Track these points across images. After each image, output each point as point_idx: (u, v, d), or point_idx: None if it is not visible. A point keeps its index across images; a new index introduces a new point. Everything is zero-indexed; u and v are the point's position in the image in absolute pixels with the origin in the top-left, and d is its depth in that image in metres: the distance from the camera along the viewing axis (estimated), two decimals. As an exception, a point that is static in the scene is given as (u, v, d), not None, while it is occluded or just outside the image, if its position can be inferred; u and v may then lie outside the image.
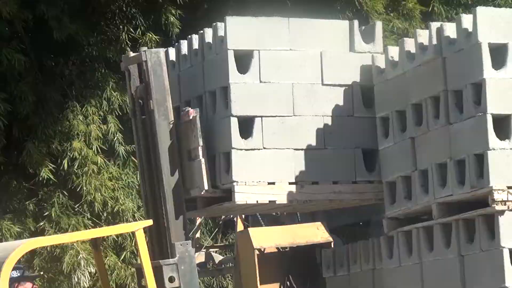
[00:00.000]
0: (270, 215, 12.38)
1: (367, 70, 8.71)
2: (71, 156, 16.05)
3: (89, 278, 14.53)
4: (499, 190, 7.23)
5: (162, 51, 8.51)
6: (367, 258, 8.85)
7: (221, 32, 8.51)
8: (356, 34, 8.79)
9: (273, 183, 8.44)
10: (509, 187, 7.26)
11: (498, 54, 7.42)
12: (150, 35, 16.98)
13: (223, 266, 15.31)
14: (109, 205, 14.63)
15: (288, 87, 8.57)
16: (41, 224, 15.07)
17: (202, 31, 8.88)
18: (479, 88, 7.39)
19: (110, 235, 11.08)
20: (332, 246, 11.67)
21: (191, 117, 8.37)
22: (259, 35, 8.53)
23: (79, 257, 14.53)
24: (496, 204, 7.21)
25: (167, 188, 8.23)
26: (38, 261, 16.26)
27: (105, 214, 14.48)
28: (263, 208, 9.07)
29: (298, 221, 12.28)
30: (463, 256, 7.51)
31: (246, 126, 8.40)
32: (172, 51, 9.35)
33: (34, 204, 16.71)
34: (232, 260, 14.29)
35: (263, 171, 8.41)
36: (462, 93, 7.53)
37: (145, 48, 8.54)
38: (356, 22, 8.85)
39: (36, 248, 8.00)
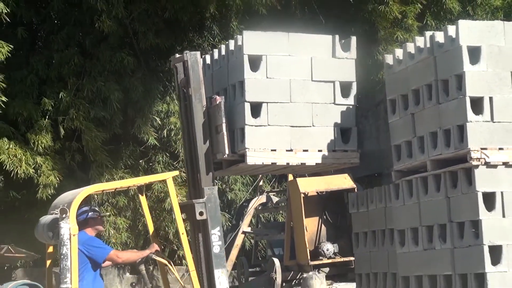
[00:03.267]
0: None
1: (346, 70, 8.66)
2: (169, 128, 16.24)
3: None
4: (475, 150, 7.20)
5: (198, 53, 8.45)
6: (381, 199, 8.87)
7: (239, 42, 8.46)
8: (337, 45, 8.65)
9: (275, 150, 8.34)
10: (482, 148, 7.22)
11: (474, 53, 7.38)
12: (224, 42, 17.04)
13: (278, 205, 15.39)
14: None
15: (287, 82, 8.47)
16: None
17: (227, 42, 8.87)
18: (460, 78, 7.37)
19: (151, 182, 10.70)
20: (356, 190, 11.72)
21: (218, 102, 8.35)
22: (267, 44, 8.43)
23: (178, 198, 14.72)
24: (473, 161, 7.19)
25: (200, 153, 8.22)
26: (148, 202, 16.48)
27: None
28: (268, 168, 8.98)
29: (331, 173, 12.29)
30: (449, 198, 7.51)
31: (256, 109, 8.34)
32: (208, 57, 9.34)
33: (145, 162, 16.91)
34: (285, 200, 14.38)
35: (268, 141, 8.32)
36: (448, 82, 7.52)
37: (187, 51, 8.46)
38: (337, 37, 8.70)
39: (97, 191, 8.03)
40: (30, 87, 16.15)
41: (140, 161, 16.94)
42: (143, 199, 8.45)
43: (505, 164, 7.27)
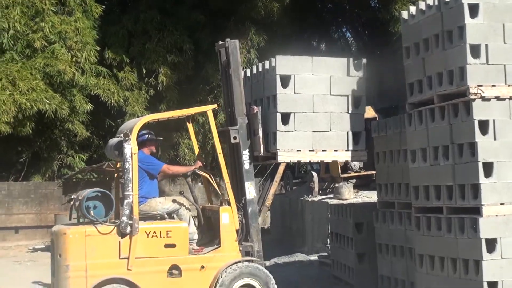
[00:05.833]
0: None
1: (357, 86, 8.54)
2: (231, 71, 16.19)
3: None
4: (473, 87, 7.14)
5: (237, 41, 8.33)
6: (397, 126, 8.85)
7: (273, 64, 8.38)
8: (351, 66, 8.53)
9: (300, 150, 8.29)
10: (478, 85, 7.15)
11: (473, 9, 7.24)
12: (274, 4, 16.90)
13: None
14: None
15: (310, 96, 8.36)
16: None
17: (263, 62, 8.75)
18: (462, 30, 7.25)
19: (196, 113, 10.08)
20: (377, 119, 11.65)
21: (255, 111, 8.25)
22: (295, 66, 8.33)
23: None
24: (471, 95, 7.13)
25: (236, 96, 8.18)
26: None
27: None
28: (294, 162, 8.67)
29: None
30: (451, 124, 7.47)
31: (286, 118, 8.26)
32: (248, 71, 9.19)
33: (212, 97, 17.01)
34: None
35: (294, 143, 8.26)
36: (452, 32, 7.40)
37: (228, 39, 8.33)
38: (351, 59, 8.58)
39: (153, 120, 8.15)
40: (121, 39, 16.40)
41: (208, 97, 17.07)
42: (190, 126, 8.47)
43: (497, 98, 7.21)
